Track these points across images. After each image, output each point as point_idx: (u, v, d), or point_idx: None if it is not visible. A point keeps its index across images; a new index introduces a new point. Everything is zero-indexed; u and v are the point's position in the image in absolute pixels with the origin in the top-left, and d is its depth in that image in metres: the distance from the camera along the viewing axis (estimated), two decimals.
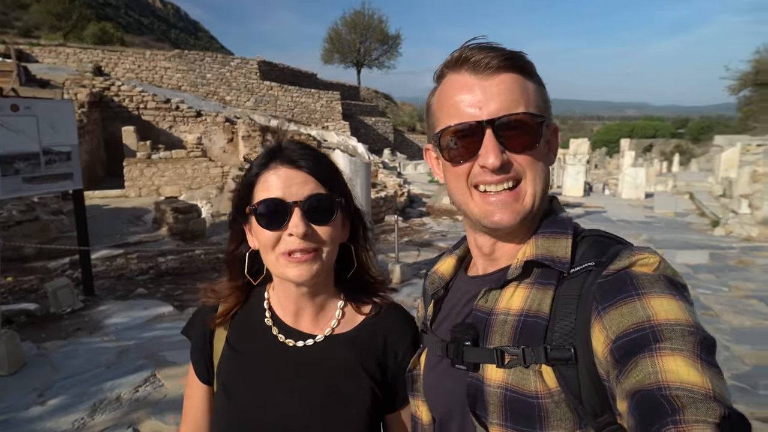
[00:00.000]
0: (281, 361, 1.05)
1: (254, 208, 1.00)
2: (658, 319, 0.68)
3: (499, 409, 0.81)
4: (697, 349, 0.65)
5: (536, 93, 0.88)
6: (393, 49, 41.97)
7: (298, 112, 25.81)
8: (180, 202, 10.64)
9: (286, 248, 0.98)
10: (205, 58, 24.77)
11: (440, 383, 0.94)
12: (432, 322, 1.03)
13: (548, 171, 0.91)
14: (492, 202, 0.87)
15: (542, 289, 0.84)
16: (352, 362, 1.05)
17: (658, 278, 0.74)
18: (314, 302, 1.08)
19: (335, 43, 40.20)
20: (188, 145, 16.17)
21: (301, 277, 0.99)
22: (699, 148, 44.85)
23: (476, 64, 0.85)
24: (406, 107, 43.16)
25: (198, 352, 1.13)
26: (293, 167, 1.00)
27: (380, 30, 40.01)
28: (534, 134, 0.86)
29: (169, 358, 4.49)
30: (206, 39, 64.50)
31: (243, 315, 1.13)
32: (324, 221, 0.99)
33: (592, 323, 0.75)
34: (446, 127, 0.88)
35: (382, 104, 38.41)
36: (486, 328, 0.86)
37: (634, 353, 0.67)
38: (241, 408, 1.03)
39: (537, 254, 0.86)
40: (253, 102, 24.86)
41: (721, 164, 19.20)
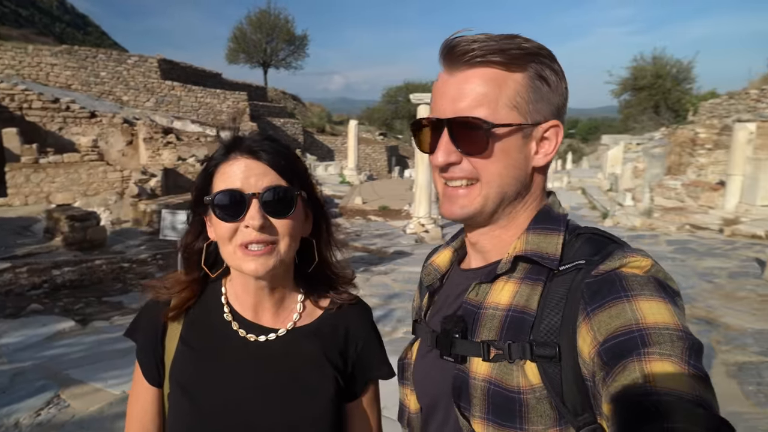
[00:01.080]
0: (243, 357, 1.04)
1: (212, 199, 0.98)
2: (647, 323, 0.67)
3: (482, 402, 0.81)
4: (685, 354, 0.64)
5: (517, 90, 0.83)
6: (300, 49, 41.44)
7: (203, 113, 24.78)
8: (76, 210, 9.87)
9: (243, 240, 0.96)
10: (99, 54, 23.02)
11: (428, 373, 0.95)
12: (426, 312, 1.03)
13: (517, 173, 0.87)
14: (447, 193, 0.89)
15: (531, 285, 0.83)
16: (317, 354, 1.06)
17: (648, 280, 0.73)
18: (273, 296, 1.07)
19: (240, 43, 38.96)
20: (82, 149, 14.98)
21: (258, 271, 0.97)
22: (588, 146, 48.72)
23: (451, 58, 0.84)
24: (315, 108, 42.88)
25: (147, 353, 1.08)
26: (253, 158, 0.98)
27: (287, 30, 39.34)
28: (481, 139, 0.83)
29: (74, 376, 4.17)
30: (97, 34, 59.76)
31: (198, 311, 1.09)
32: (282, 214, 0.97)
33: (580, 323, 0.74)
34: (417, 119, 0.92)
35: (291, 105, 37.88)
36: (474, 321, 0.86)
37: (622, 356, 0.66)
38: (202, 409, 1.00)
39: (527, 250, 0.86)
40: (153, 102, 23.51)
41: (608, 161, 20.93)
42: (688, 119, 24.93)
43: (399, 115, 47.62)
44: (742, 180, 12.60)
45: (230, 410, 1.00)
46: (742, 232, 10.98)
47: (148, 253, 9.05)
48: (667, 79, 32.36)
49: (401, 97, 47.72)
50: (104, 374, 4.24)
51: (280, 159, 1.00)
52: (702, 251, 9.71)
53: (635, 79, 33.67)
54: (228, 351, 1.04)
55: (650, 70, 32.94)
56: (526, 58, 0.83)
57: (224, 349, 1.04)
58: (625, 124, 33.98)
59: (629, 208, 14.09)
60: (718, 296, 6.72)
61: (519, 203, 0.91)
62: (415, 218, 12.14)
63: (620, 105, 36.60)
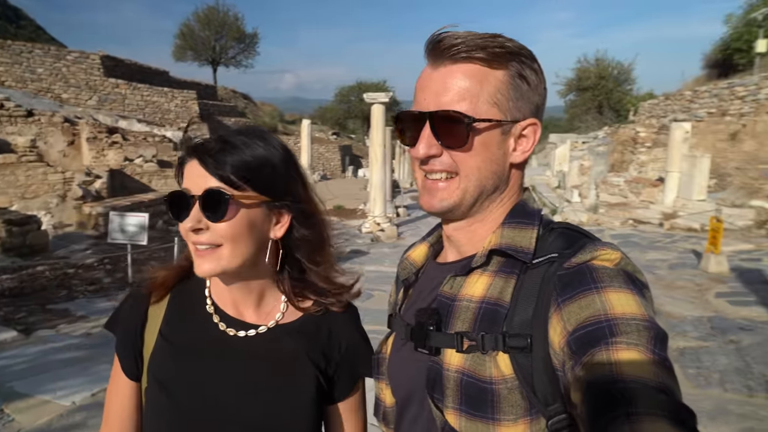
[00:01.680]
0: (223, 352, 1.03)
1: (165, 198, 0.99)
2: (615, 313, 0.70)
3: (455, 393, 0.82)
4: (650, 344, 0.66)
5: (498, 87, 0.85)
6: (250, 47, 40.75)
7: (149, 112, 23.93)
8: (13, 213, 9.36)
9: (191, 240, 0.98)
10: (35, 50, 21.80)
11: (403, 367, 0.96)
12: (401, 307, 1.04)
13: (495, 168, 0.89)
14: (427, 186, 0.90)
15: (505, 278, 0.85)
16: (299, 352, 1.05)
17: (618, 273, 0.75)
18: (250, 293, 1.06)
19: (188, 40, 37.89)
20: (19, 149, 14.15)
21: (206, 271, 0.97)
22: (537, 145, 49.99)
23: (436, 52, 0.86)
24: (267, 107, 42.24)
25: (126, 345, 1.06)
26: (199, 160, 0.97)
27: (236, 27, 38.59)
28: (461, 133, 0.85)
29: (18, 389, 3.99)
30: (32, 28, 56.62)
31: (180, 303, 1.08)
32: (215, 218, 0.95)
33: (551, 314, 0.76)
34: (399, 113, 0.92)
35: (242, 104, 37.15)
36: (449, 313, 0.87)
37: (590, 346, 0.68)
38: (181, 406, 0.99)
39: (501, 243, 0.87)
40: (96, 101, 22.49)
41: (556, 160, 21.64)
42: (629, 119, 26.10)
43: (352, 115, 47.54)
44: (679, 176, 13.30)
45: (209, 406, 0.99)
46: (680, 225, 11.60)
47: (95, 258, 8.69)
48: (609, 80, 33.73)
49: (354, 97, 47.63)
50: (52, 385, 4.07)
51: (229, 161, 0.96)
52: (644, 244, 10.20)
53: (580, 80, 34.93)
54: (208, 345, 1.03)
55: (593, 71, 34.26)
56: (507, 57, 0.85)
57: (204, 343, 1.03)
58: (570, 123, 35.21)
59: (576, 205, 14.62)
60: (660, 286, 7.08)
61: (496, 198, 0.92)
62: (371, 217, 12.18)
63: (566, 105, 37.88)
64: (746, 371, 4.53)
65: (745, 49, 23.60)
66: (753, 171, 15.33)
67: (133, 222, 6.40)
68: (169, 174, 14.22)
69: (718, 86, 19.35)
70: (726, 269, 7.72)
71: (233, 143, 0.99)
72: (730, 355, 4.88)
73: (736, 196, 13.66)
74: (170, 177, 14.07)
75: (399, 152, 25.89)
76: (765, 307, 6.18)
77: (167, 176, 14.18)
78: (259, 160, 0.99)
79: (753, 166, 15.75)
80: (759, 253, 8.95)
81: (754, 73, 19.52)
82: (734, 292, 6.88)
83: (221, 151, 0.97)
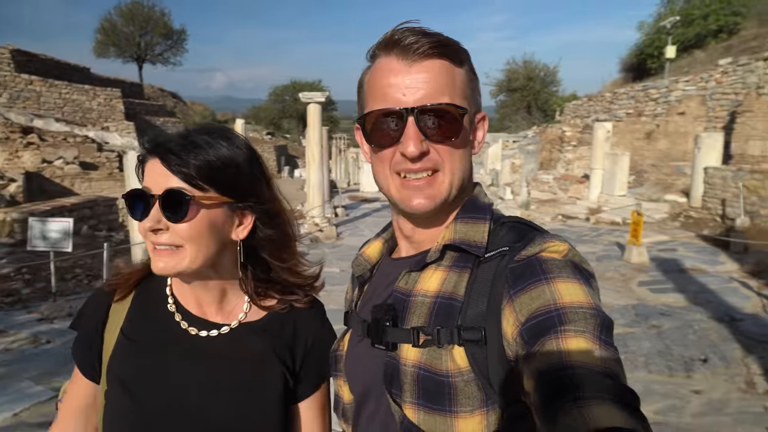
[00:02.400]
0: (186, 351, 1.00)
1: (125, 197, 0.96)
2: (563, 302, 0.72)
3: (413, 388, 0.83)
4: (597, 331, 0.69)
5: (464, 82, 0.89)
6: (178, 44, 39.30)
7: (69, 111, 22.50)
8: None
9: (151, 240, 0.95)
10: None
11: (360, 362, 0.96)
12: (356, 303, 1.04)
13: (469, 160, 0.93)
14: (410, 187, 0.88)
15: (458, 272, 0.86)
16: (265, 350, 1.04)
17: (566, 264, 0.78)
18: (211, 292, 1.04)
19: (110, 35, 35.95)
20: None
21: (164, 270, 0.95)
22: None
23: (406, 48, 0.85)
24: (197, 107, 40.91)
25: (83, 345, 1.05)
26: (161, 158, 0.95)
27: (163, 23, 37.04)
28: (455, 125, 0.86)
29: None
30: None
31: (142, 302, 1.05)
32: (176, 219, 0.93)
33: (503, 306, 0.78)
34: (371, 111, 0.88)
35: (170, 103, 35.73)
36: (404, 309, 0.88)
37: (540, 335, 0.70)
38: (145, 408, 0.96)
39: (455, 239, 0.88)
40: (6, 98, 20.89)
41: (489, 158, 22.28)
42: (555, 119, 27.33)
43: (287, 115, 46.87)
44: (603, 173, 14.09)
45: (173, 408, 0.97)
46: (605, 219, 12.29)
47: (11, 267, 8.07)
48: (536, 81, 35.18)
49: (288, 96, 46.99)
50: None
51: (192, 161, 0.94)
52: (574, 238, 10.72)
53: (509, 81, 36.19)
54: (171, 345, 1.01)
55: (522, 73, 35.60)
56: (464, 53, 0.90)
57: (167, 342, 1.01)
58: (501, 123, 36.39)
59: (509, 202, 15.13)
60: None
61: (465, 192, 0.94)
62: (309, 218, 12.07)
63: (497, 105, 39.11)
64: (667, 353, 4.88)
65: (656, 55, 25.36)
66: (666, 168, 16.52)
67: (56, 228, 6.00)
68: (94, 176, 13.42)
69: (634, 89, 20.67)
70: (647, 260, 8.26)
71: (196, 142, 0.96)
72: (652, 340, 5.24)
73: (653, 191, 14.66)
74: (95, 180, 13.29)
75: (335, 152, 25.80)
76: (681, 294, 6.68)
77: (91, 179, 13.38)
78: (222, 160, 0.97)
79: (666, 163, 16.98)
80: (674, 244, 9.64)
81: (665, 77, 20.99)
82: (654, 281, 7.39)
83: (184, 150, 0.94)
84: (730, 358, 4.64)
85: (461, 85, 0.88)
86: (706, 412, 3.89)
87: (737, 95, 15.84)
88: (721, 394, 4.13)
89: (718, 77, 16.76)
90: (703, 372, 4.51)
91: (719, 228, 10.48)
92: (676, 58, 22.91)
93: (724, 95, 16.48)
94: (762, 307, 6.00)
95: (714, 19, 23.72)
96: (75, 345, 1.07)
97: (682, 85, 18.03)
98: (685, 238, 10.07)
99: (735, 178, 10.59)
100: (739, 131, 14.79)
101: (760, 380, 4.25)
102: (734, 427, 3.64)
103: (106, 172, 14.18)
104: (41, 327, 5.70)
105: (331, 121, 42.75)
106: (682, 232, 10.71)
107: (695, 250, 9.08)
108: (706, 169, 11.72)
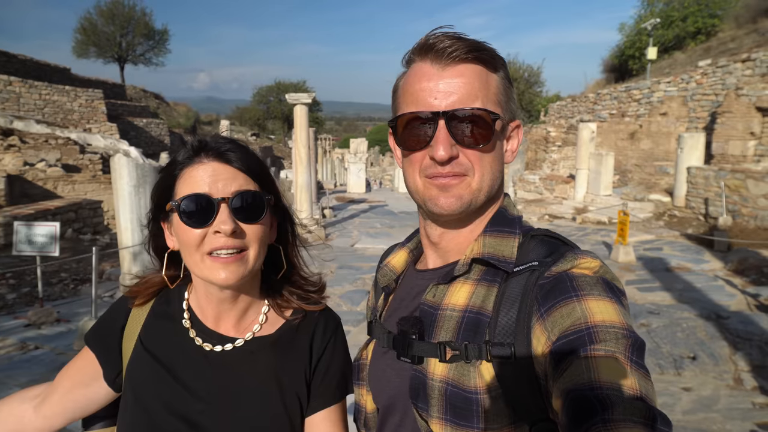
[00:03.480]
0: (198, 366, 1.00)
1: (177, 204, 0.92)
2: (595, 321, 0.70)
3: (440, 403, 0.82)
4: (628, 351, 0.68)
5: (498, 88, 0.88)
6: (160, 45, 38.73)
7: (49, 112, 22.11)
8: None
9: (212, 247, 0.92)
10: None
11: (385, 374, 0.95)
12: (381, 314, 1.03)
13: (500, 168, 0.91)
14: (438, 186, 0.87)
15: (487, 286, 0.85)
16: (275, 365, 1.03)
17: (597, 281, 0.76)
18: (236, 306, 1.03)
19: (90, 35, 35.28)
20: None
21: (227, 281, 0.93)
22: None
23: (440, 52, 0.85)
24: (181, 107, 40.44)
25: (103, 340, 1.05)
26: (221, 161, 0.94)
27: (144, 23, 36.49)
28: (486, 130, 0.85)
29: None
30: None
31: (160, 312, 1.04)
32: (252, 219, 0.94)
33: (534, 324, 0.76)
34: (402, 114, 0.88)
35: (153, 104, 35.30)
36: (432, 322, 0.87)
37: (570, 353, 0.69)
38: (156, 418, 0.95)
39: (484, 253, 0.87)
40: None
41: None
42: (540, 119, 27.57)
43: (271, 115, 46.65)
44: (588, 173, 14.25)
45: (183, 420, 0.96)
46: (591, 219, 12.44)
47: None
48: (521, 82, 35.44)
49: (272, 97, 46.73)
50: None
51: (249, 162, 0.96)
52: None
53: None
54: (184, 360, 1.00)
55: None
56: (499, 60, 0.89)
57: (180, 358, 1.00)
58: None
59: None
60: None
61: (494, 200, 0.93)
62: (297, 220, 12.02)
63: None
64: (656, 351, 4.96)
65: (638, 56, 25.73)
66: (650, 167, 16.76)
67: (43, 232, 5.89)
68: (77, 179, 13.21)
69: (617, 89, 20.93)
70: (633, 258, 8.39)
71: (239, 144, 0.97)
72: (642, 338, 5.31)
73: (637, 190, 14.88)
74: (78, 182, 13.07)
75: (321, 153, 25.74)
76: (668, 292, 6.79)
77: (75, 181, 13.16)
78: (261, 162, 1.00)
79: (649, 163, 17.24)
80: (659, 243, 9.80)
81: (647, 78, 21.31)
82: (641, 280, 7.50)
83: (241, 152, 0.95)
84: (718, 355, 4.74)
85: (495, 91, 0.87)
86: (696, 408, 3.96)
87: (717, 96, 16.15)
88: (711, 391, 4.21)
89: (698, 78, 17.08)
90: (693, 369, 4.60)
91: (703, 227, 10.67)
92: (657, 59, 23.27)
93: (704, 96, 16.79)
94: (747, 304, 6.13)
95: (692, 21, 24.19)
96: (93, 335, 1.07)
97: (663, 86, 18.32)
98: (670, 237, 10.24)
99: (717, 177, 10.79)
100: (720, 131, 15.08)
101: (747, 377, 4.35)
102: (724, 423, 3.72)
103: (89, 174, 13.97)
104: (29, 333, 5.60)
105: (317, 122, 42.65)
106: (666, 231, 10.88)
107: (680, 248, 9.24)
108: (689, 168, 11.93)
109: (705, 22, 23.88)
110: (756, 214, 9.67)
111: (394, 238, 10.52)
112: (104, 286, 7.25)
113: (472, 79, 0.85)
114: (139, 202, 6.22)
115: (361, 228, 12.05)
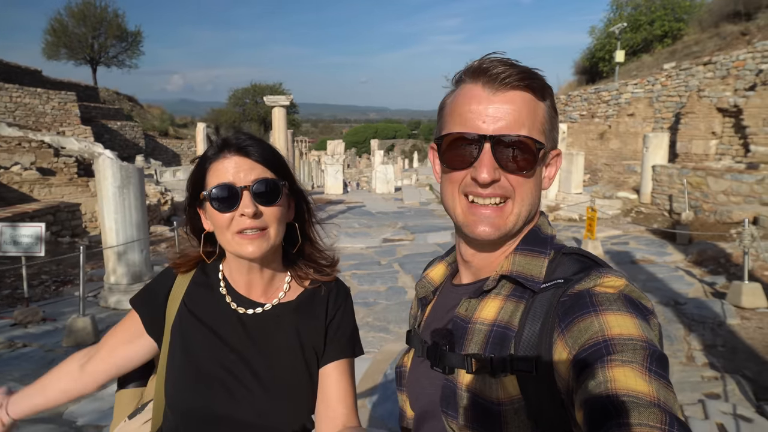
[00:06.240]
0: (233, 325, 1.20)
1: (209, 193, 1.11)
2: (612, 334, 0.71)
3: (467, 412, 0.85)
4: (646, 361, 0.67)
5: (544, 117, 0.90)
6: (134, 46, 38.17)
7: (21, 115, 21.75)
8: None
9: (239, 227, 1.10)
10: None
11: (420, 382, 1.00)
12: (419, 324, 1.09)
13: (538, 195, 0.93)
14: (477, 213, 0.90)
15: (515, 302, 0.88)
16: (297, 325, 1.22)
17: (618, 297, 0.76)
18: (263, 275, 1.22)
19: (61, 36, 34.58)
20: None
21: (254, 253, 1.11)
22: None
23: (493, 77, 0.86)
24: (155, 110, 39.95)
25: (149, 302, 1.26)
26: (242, 155, 1.12)
27: (117, 25, 35.92)
28: (530, 158, 0.87)
29: None
30: None
31: (201, 282, 1.25)
32: (270, 202, 1.11)
33: (555, 340, 0.78)
34: (449, 133, 0.90)
35: (127, 107, 34.84)
36: (462, 335, 0.91)
37: (588, 366, 0.70)
38: (201, 367, 1.16)
39: (512, 270, 0.90)
40: None
41: None
42: None
43: (248, 118, 46.43)
44: (560, 172, 14.69)
45: (226, 368, 1.16)
46: (563, 216, 12.88)
47: None
48: None
49: (248, 99, 46.49)
50: None
51: (265, 154, 1.16)
52: None
53: None
54: (222, 319, 1.21)
55: None
56: (548, 90, 0.91)
57: (219, 318, 1.21)
58: None
59: None
60: None
61: (530, 223, 0.96)
62: None
63: None
64: None
65: (607, 59, 26.46)
66: (618, 166, 17.37)
67: (28, 233, 5.97)
68: (54, 182, 13.13)
69: (587, 91, 21.56)
70: (601, 252, 8.75)
71: (257, 139, 1.18)
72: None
73: (607, 188, 15.41)
74: (55, 185, 13.00)
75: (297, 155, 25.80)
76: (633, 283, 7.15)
77: (51, 185, 13.08)
78: (277, 153, 1.21)
79: (618, 162, 17.86)
80: (626, 237, 10.24)
81: (615, 80, 21.98)
82: None
83: (258, 147, 1.16)
84: (674, 336, 5.10)
85: (542, 120, 0.90)
86: None
87: (681, 97, 16.84)
88: None
89: (663, 80, 17.76)
90: None
91: (667, 222, 11.17)
92: (625, 62, 23.95)
93: (669, 97, 17.48)
94: (704, 292, 6.55)
95: (659, 24, 24.94)
96: (139, 299, 1.26)
97: (631, 88, 18.97)
98: (636, 232, 10.69)
99: (680, 175, 11.29)
100: (683, 131, 15.74)
101: (699, 354, 4.71)
102: (676, 394, 4.05)
103: (65, 177, 13.86)
104: (15, 332, 5.67)
105: (293, 123, 42.61)
106: (633, 226, 11.33)
107: (645, 243, 9.65)
108: (654, 167, 12.42)
109: (671, 25, 24.63)
110: (716, 209, 10.19)
111: (372, 238, 10.80)
112: (87, 287, 7.32)
113: (520, 107, 0.87)
114: (123, 202, 6.33)
115: (339, 228, 12.24)
